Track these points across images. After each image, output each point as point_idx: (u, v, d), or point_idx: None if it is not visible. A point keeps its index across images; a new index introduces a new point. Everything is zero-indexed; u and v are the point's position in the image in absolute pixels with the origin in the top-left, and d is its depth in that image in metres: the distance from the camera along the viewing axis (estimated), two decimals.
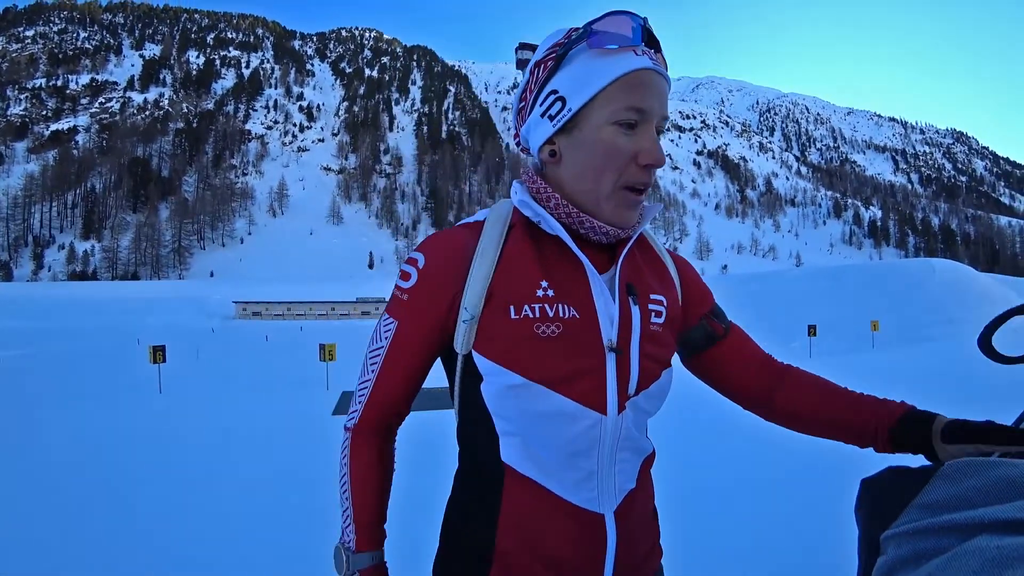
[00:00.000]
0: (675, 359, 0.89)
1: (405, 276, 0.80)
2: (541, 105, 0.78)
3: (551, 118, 0.77)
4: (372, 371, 0.81)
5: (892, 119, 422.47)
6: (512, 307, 0.75)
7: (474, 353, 0.77)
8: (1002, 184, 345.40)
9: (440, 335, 0.79)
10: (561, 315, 0.75)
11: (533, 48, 0.83)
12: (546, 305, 0.75)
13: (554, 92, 0.77)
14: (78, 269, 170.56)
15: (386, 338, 0.80)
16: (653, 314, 0.81)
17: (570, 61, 0.76)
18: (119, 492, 4.22)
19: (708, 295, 0.94)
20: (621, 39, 0.73)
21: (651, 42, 0.76)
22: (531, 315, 0.74)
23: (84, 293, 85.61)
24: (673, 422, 3.72)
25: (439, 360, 0.83)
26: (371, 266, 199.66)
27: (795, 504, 3.54)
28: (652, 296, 0.82)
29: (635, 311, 0.78)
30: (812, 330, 16.61)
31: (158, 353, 11.02)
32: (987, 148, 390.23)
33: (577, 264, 0.77)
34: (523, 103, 0.82)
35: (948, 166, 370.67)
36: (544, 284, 0.76)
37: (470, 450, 0.82)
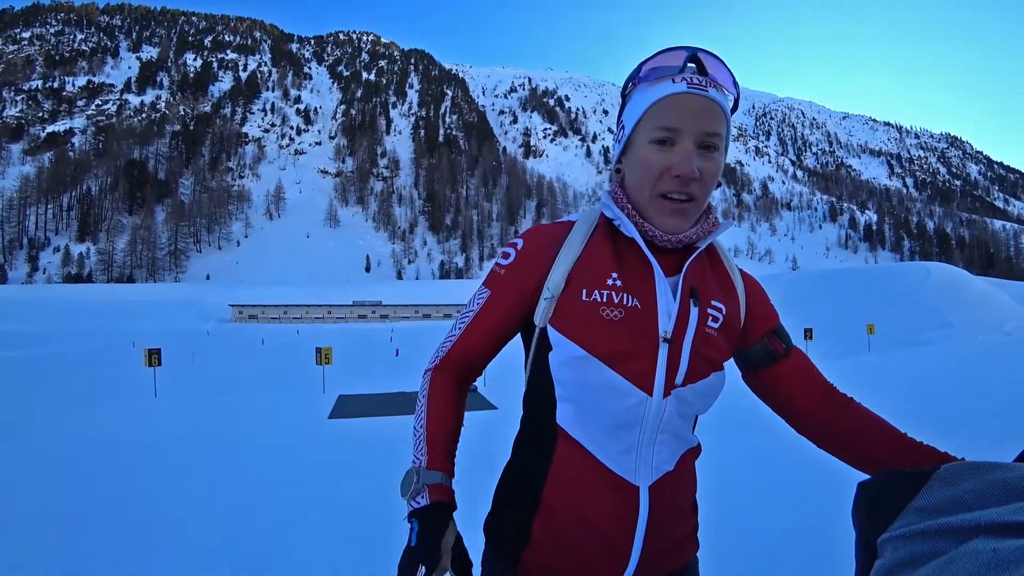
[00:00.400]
0: (733, 370, 0.97)
1: (505, 256, 0.96)
2: (616, 131, 0.97)
3: (617, 141, 0.96)
4: (459, 328, 0.96)
5: (887, 124, 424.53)
6: (584, 290, 0.89)
7: (549, 327, 0.90)
8: (996, 188, 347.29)
9: (523, 308, 0.94)
10: (625, 303, 0.87)
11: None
12: (612, 293, 0.88)
13: (621, 121, 0.95)
14: (73, 272, 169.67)
15: (478, 304, 0.95)
16: (710, 318, 0.91)
17: (631, 95, 0.93)
18: (113, 495, 4.21)
19: (773, 315, 1.02)
20: (661, 71, 0.88)
21: (701, 69, 0.88)
22: (599, 299, 0.88)
23: (79, 296, 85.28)
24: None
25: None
26: (368, 269, 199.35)
27: (791, 506, 3.51)
28: (713, 302, 0.92)
29: (693, 311, 0.88)
30: (808, 334, 16.65)
31: (153, 356, 10.98)
32: (981, 152, 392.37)
33: (647, 263, 0.90)
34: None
35: (943, 170, 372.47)
36: (614, 275, 0.89)
37: (532, 413, 0.95)
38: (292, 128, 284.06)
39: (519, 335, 1.00)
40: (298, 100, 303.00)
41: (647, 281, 0.89)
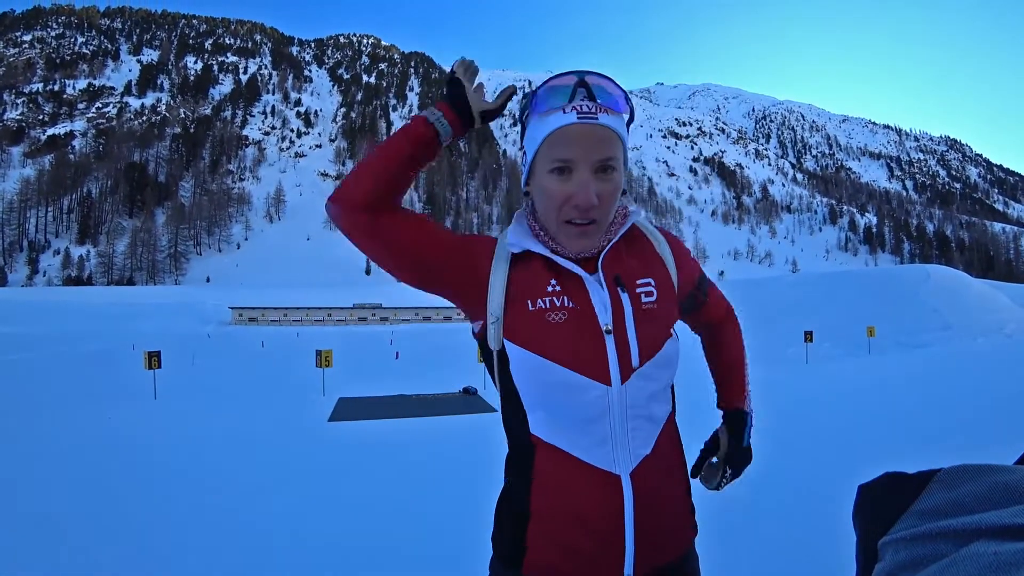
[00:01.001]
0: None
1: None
2: (519, 156, 1.03)
3: (523, 165, 1.01)
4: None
5: (887, 126, 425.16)
6: (529, 301, 0.94)
7: (506, 342, 0.95)
8: (996, 191, 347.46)
9: (440, 260, 0.98)
10: (567, 305, 0.93)
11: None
12: (554, 298, 0.94)
13: (523, 147, 1.01)
14: (73, 274, 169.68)
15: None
16: (643, 295, 0.97)
17: (528, 122, 0.98)
18: (113, 498, 4.20)
19: (696, 269, 1.12)
20: (551, 99, 0.92)
21: (590, 94, 0.91)
22: (544, 306, 0.93)
23: (79, 298, 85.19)
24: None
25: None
26: (368, 272, 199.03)
27: (790, 508, 3.46)
28: (639, 281, 0.98)
29: (624, 298, 0.95)
30: (808, 336, 16.65)
31: (153, 359, 10.97)
32: (981, 155, 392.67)
33: (572, 270, 0.96)
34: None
35: (942, 173, 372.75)
36: (553, 282, 0.96)
37: (510, 430, 1.00)
38: (292, 131, 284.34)
39: (484, 362, 1.04)
40: (298, 103, 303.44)
41: (578, 282, 0.95)
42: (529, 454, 0.96)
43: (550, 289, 0.95)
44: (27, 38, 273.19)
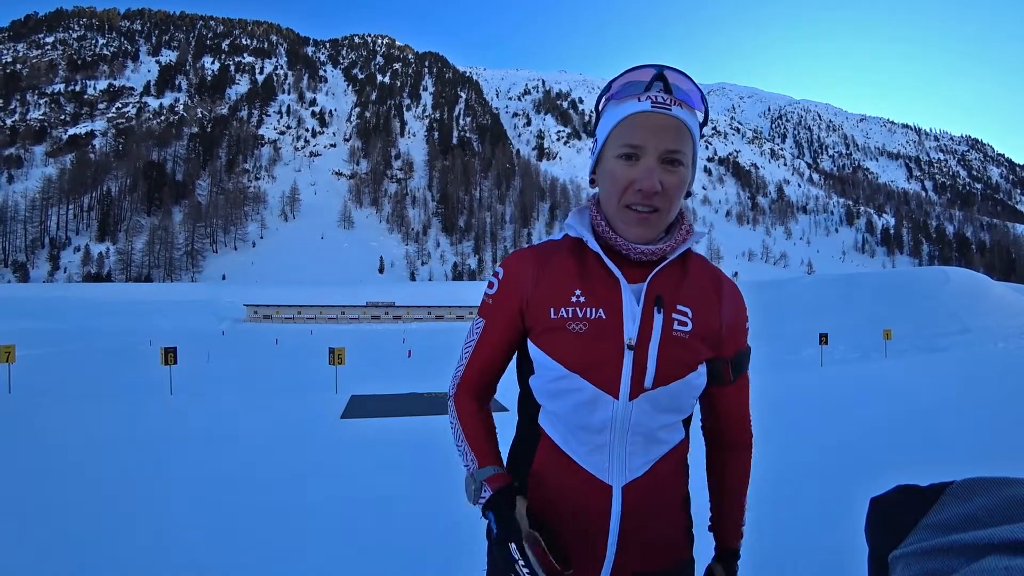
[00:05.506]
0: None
1: (491, 285, 1.05)
2: (592, 144, 1.05)
3: (592, 154, 1.03)
4: (466, 356, 1.06)
5: (905, 126, 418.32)
6: (552, 309, 0.97)
7: (528, 343, 1.01)
8: (1018, 192, 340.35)
9: (516, 328, 1.04)
10: (589, 316, 0.95)
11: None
12: (577, 308, 0.96)
13: (595, 135, 1.04)
14: (93, 271, 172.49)
15: (477, 333, 1.05)
16: (676, 322, 0.95)
17: (604, 111, 1.01)
18: (131, 491, 4.24)
19: (741, 341, 1.06)
20: (628, 89, 0.96)
21: (667, 87, 0.95)
22: (566, 315, 0.96)
23: (98, 294, 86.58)
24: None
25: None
26: (381, 271, 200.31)
27: (802, 522, 3.41)
28: (679, 307, 0.96)
29: (658, 317, 0.94)
30: (824, 338, 16.43)
31: (170, 355, 11.11)
32: (1003, 155, 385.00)
33: (612, 275, 0.97)
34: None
35: (963, 173, 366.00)
36: (578, 292, 0.97)
37: (521, 416, 1.07)
38: (307, 130, 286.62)
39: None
40: (313, 103, 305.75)
41: (614, 291, 0.96)
42: (533, 442, 1.01)
43: (573, 299, 0.96)
44: (49, 40, 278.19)
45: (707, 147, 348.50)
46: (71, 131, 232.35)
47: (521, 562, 0.88)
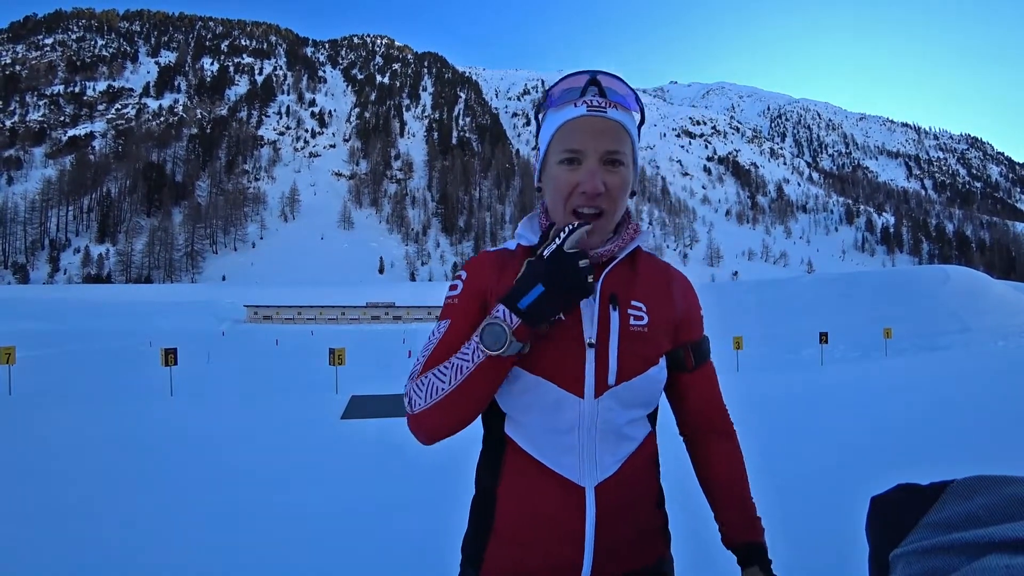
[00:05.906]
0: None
1: (453, 287, 1.04)
2: (534, 153, 1.07)
3: (536, 161, 1.06)
4: (429, 350, 1.00)
5: (905, 124, 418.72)
6: None
7: None
8: (1018, 190, 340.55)
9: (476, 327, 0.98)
10: None
11: None
12: None
13: (537, 143, 1.06)
14: (93, 272, 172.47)
15: (441, 331, 1.00)
16: (632, 318, 0.97)
17: (543, 120, 1.04)
18: (131, 492, 4.25)
19: (697, 328, 1.08)
20: (565, 96, 0.98)
21: (601, 91, 0.97)
22: None
23: (98, 296, 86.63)
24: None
25: None
26: (381, 271, 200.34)
27: (802, 520, 3.32)
28: (633, 303, 0.98)
29: (614, 315, 0.96)
30: (824, 337, 16.44)
31: (170, 356, 11.11)
32: (1002, 154, 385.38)
33: None
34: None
35: (963, 172, 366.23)
36: None
37: (486, 427, 1.03)
38: (307, 131, 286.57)
39: None
40: (313, 103, 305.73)
41: None
42: (500, 451, 0.99)
43: None
44: (49, 41, 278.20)
45: (706, 146, 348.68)
46: (70, 132, 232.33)
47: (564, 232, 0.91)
